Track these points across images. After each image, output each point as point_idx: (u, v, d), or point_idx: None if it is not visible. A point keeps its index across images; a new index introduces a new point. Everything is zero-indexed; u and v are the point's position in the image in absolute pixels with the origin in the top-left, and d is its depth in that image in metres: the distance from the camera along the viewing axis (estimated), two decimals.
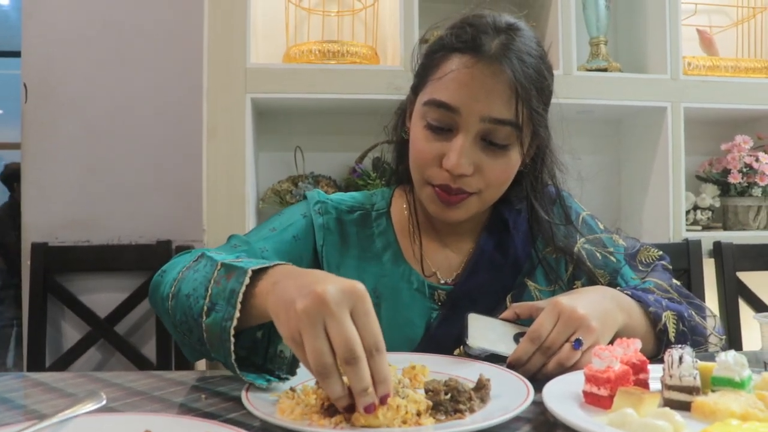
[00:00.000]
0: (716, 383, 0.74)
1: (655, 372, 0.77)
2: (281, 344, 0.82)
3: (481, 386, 0.73)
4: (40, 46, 2.09)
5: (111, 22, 2.12)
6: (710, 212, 2.21)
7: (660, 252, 1.19)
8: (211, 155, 1.83)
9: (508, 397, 0.73)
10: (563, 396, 0.73)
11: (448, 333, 1.04)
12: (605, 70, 2.10)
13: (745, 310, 2.09)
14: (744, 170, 2.15)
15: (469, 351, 0.90)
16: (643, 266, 1.16)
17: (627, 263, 1.15)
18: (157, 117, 2.14)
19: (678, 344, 0.96)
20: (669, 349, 0.75)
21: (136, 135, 2.13)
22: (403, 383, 0.76)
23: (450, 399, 0.69)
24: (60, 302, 2.03)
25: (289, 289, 0.67)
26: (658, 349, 0.98)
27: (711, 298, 2.08)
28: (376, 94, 1.88)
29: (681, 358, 0.72)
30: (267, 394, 0.74)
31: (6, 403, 0.77)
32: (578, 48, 2.05)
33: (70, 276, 2.06)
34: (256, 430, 0.67)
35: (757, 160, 2.13)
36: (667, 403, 0.72)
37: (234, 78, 1.84)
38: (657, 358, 0.97)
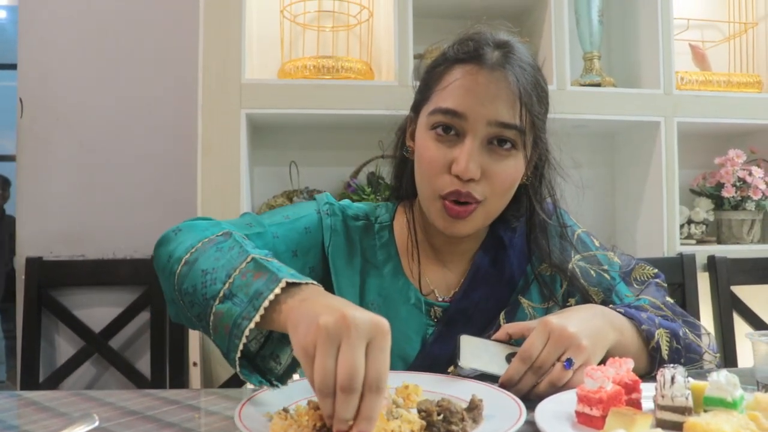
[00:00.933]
0: (708, 403, 0.73)
1: (647, 391, 0.78)
2: (279, 349, 0.82)
3: (474, 406, 0.73)
4: (35, 61, 2.09)
5: (107, 36, 2.12)
6: (704, 226, 2.22)
7: (655, 270, 1.19)
8: (206, 170, 1.83)
9: (500, 417, 0.72)
10: (556, 416, 0.73)
11: (444, 349, 1.04)
12: (599, 85, 2.12)
13: (739, 324, 2.10)
14: (737, 184, 2.16)
15: (461, 372, 0.90)
16: (637, 284, 1.16)
17: (622, 280, 1.15)
18: (153, 131, 2.14)
19: (672, 362, 0.97)
20: (661, 368, 0.75)
21: (131, 149, 2.13)
22: (397, 403, 0.75)
23: (443, 420, 0.69)
24: (54, 317, 2.02)
25: (317, 307, 0.68)
26: (652, 367, 0.98)
27: (705, 312, 2.08)
28: (371, 110, 1.88)
29: (673, 378, 0.73)
30: (260, 414, 0.74)
31: None
32: (572, 63, 2.06)
33: (64, 290, 2.05)
34: None
35: (750, 174, 2.15)
36: (660, 423, 0.72)
37: (229, 93, 1.85)
38: (651, 375, 0.97)
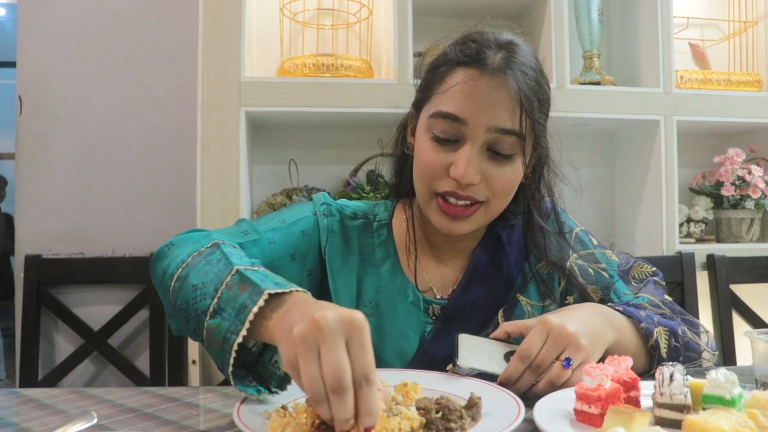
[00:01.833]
0: (707, 401, 0.74)
1: (646, 389, 0.78)
2: (278, 355, 0.82)
3: (473, 404, 0.73)
4: (35, 59, 2.09)
5: (106, 35, 2.13)
6: (703, 225, 2.22)
7: (653, 268, 1.19)
8: (206, 168, 1.83)
9: (499, 415, 0.73)
10: (554, 414, 0.73)
11: (442, 347, 1.04)
12: (598, 84, 2.12)
13: (738, 323, 2.10)
14: (737, 183, 2.16)
15: (459, 371, 0.90)
16: (636, 282, 1.16)
17: (620, 278, 1.15)
18: (152, 129, 2.14)
19: (670, 360, 0.97)
20: (660, 366, 0.75)
21: (130, 147, 2.14)
22: (396, 400, 0.76)
23: (441, 417, 0.69)
24: (53, 314, 2.02)
25: (294, 317, 0.68)
26: (651, 365, 0.98)
27: (704, 310, 2.08)
28: (371, 108, 1.88)
29: (672, 376, 0.73)
30: (259, 412, 0.74)
31: None
32: (571, 61, 2.06)
33: (63, 288, 2.05)
34: None
35: (749, 172, 2.15)
36: (658, 421, 0.72)
37: (228, 91, 1.85)
38: (649, 373, 0.97)
